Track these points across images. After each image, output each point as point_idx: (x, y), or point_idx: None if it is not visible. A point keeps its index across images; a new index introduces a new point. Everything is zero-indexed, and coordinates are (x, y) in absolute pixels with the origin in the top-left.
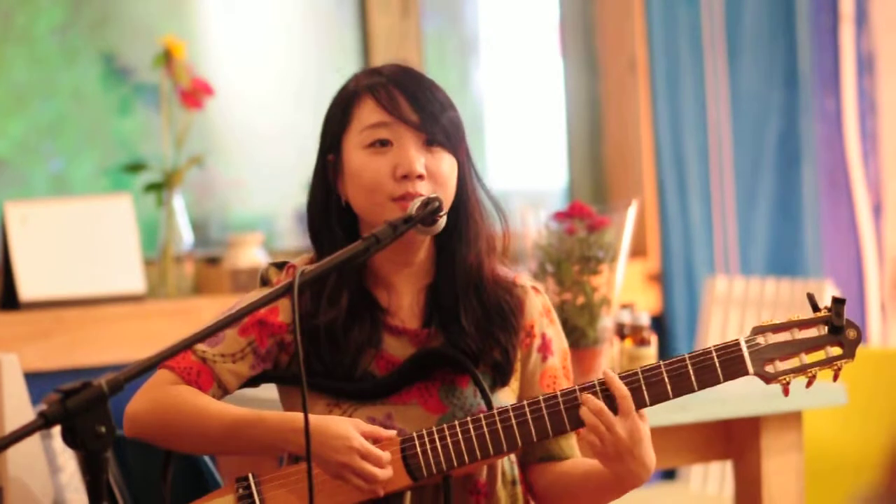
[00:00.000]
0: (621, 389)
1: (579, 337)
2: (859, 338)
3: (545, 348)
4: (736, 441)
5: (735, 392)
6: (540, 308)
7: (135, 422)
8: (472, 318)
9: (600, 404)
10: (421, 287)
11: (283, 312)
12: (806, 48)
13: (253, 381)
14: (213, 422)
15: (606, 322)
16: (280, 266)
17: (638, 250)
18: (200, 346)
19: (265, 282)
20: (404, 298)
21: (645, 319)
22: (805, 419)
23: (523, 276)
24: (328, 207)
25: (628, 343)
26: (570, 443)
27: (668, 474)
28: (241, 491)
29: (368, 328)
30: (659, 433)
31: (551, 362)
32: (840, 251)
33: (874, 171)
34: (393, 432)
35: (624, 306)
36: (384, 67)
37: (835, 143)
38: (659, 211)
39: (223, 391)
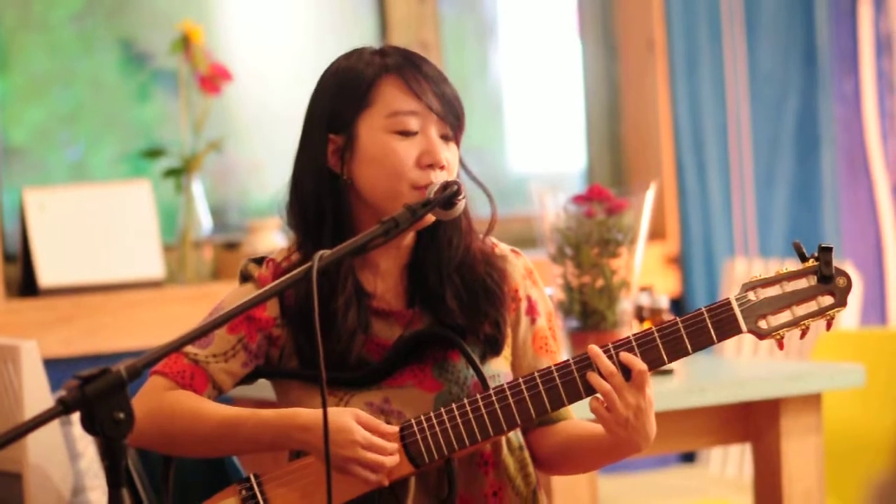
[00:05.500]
0: (634, 362)
1: (599, 320)
2: (850, 284)
3: (532, 310)
4: (755, 423)
5: (754, 374)
6: (522, 271)
7: (132, 430)
8: (456, 297)
9: (612, 367)
10: (402, 266)
11: (269, 307)
12: (824, 28)
13: (247, 379)
14: (209, 423)
15: (626, 305)
16: (259, 261)
17: (657, 232)
18: (192, 349)
19: (246, 278)
20: (388, 280)
21: (664, 302)
22: (824, 401)
23: (501, 244)
24: (320, 189)
25: (647, 326)
26: None
27: (688, 457)
28: (244, 493)
29: (357, 314)
30: (678, 416)
31: (540, 323)
32: (859, 232)
33: (893, 152)
34: (395, 428)
35: (643, 289)
36: (395, 49)
37: (853, 124)
38: (678, 193)
39: (218, 391)
